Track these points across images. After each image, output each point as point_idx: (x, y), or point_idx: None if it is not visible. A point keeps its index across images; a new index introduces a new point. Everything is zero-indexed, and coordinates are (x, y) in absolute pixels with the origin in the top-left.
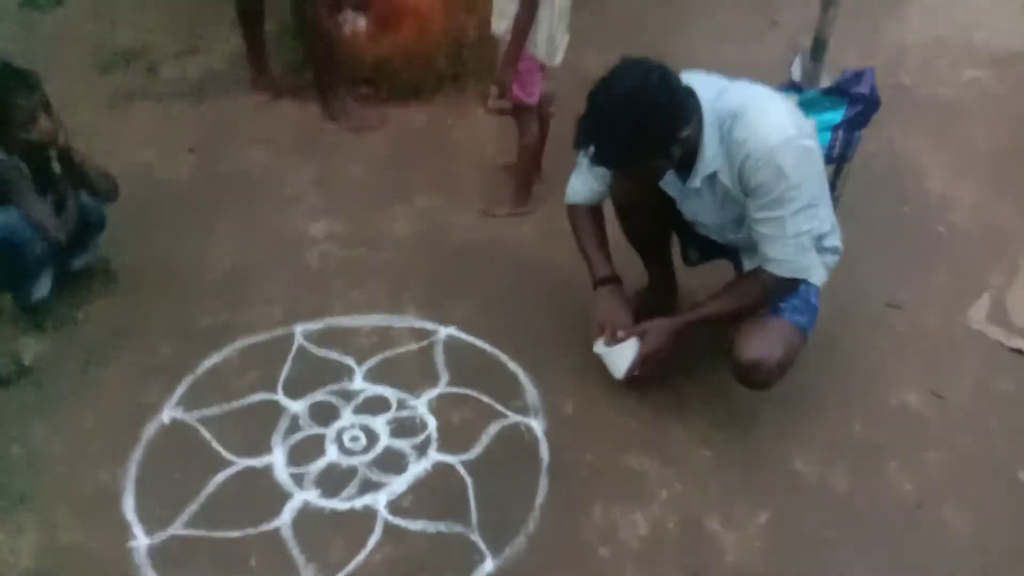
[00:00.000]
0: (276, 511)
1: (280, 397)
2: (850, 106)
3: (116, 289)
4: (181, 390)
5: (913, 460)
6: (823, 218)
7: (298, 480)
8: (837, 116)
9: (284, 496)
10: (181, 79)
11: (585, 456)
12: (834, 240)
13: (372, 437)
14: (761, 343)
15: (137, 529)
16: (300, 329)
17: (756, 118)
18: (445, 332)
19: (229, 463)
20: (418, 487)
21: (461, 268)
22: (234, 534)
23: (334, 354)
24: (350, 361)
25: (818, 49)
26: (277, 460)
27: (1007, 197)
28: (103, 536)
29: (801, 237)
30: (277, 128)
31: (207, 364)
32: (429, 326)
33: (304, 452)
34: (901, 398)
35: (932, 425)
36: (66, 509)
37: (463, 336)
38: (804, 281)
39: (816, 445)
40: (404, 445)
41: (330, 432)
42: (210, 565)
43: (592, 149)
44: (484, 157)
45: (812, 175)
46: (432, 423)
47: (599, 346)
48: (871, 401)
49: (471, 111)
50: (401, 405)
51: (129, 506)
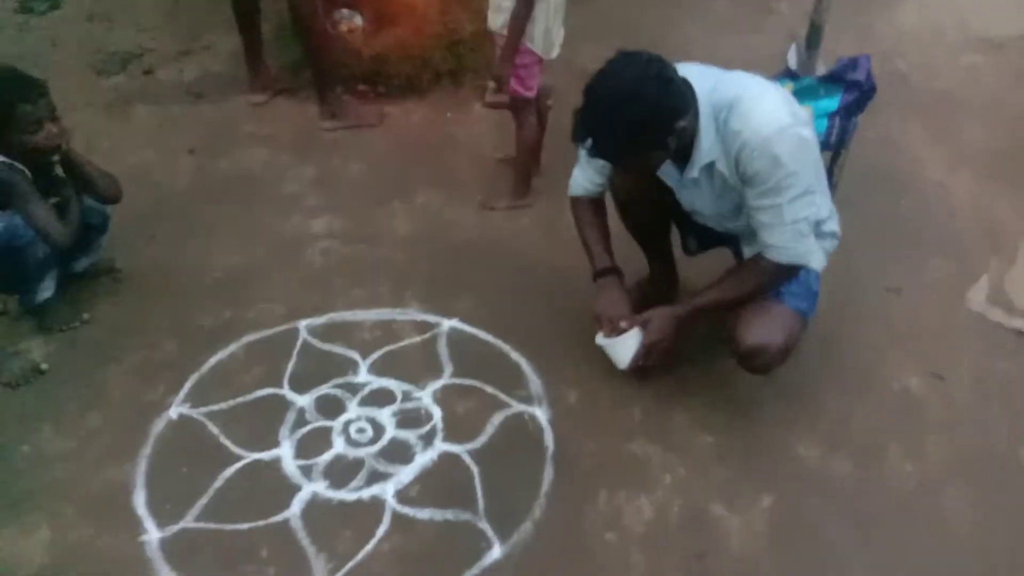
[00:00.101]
0: (285, 503)
1: (286, 391)
2: (846, 93)
3: (120, 289)
4: (188, 387)
5: (915, 443)
6: (820, 204)
7: (306, 472)
8: (833, 103)
9: (293, 488)
10: (179, 80)
11: (589, 444)
12: (832, 225)
13: (378, 429)
14: (762, 329)
15: (149, 523)
16: (304, 324)
17: (751, 108)
18: (448, 324)
19: (238, 457)
20: (425, 477)
21: (462, 262)
22: (244, 526)
23: (338, 348)
24: (354, 355)
25: (814, 37)
26: (285, 453)
27: (1004, 182)
28: (115, 531)
29: (799, 224)
30: (276, 127)
31: (213, 361)
32: (432, 319)
33: (311, 445)
34: (902, 382)
35: (934, 408)
36: (77, 506)
37: (466, 328)
38: (804, 267)
39: (818, 430)
40: (410, 436)
41: (337, 424)
42: (221, 557)
43: (589, 142)
44: (483, 152)
45: (808, 162)
46: (437, 414)
47: (601, 338)
48: (872, 385)
49: (469, 106)
50: (406, 397)
51: (140, 501)
